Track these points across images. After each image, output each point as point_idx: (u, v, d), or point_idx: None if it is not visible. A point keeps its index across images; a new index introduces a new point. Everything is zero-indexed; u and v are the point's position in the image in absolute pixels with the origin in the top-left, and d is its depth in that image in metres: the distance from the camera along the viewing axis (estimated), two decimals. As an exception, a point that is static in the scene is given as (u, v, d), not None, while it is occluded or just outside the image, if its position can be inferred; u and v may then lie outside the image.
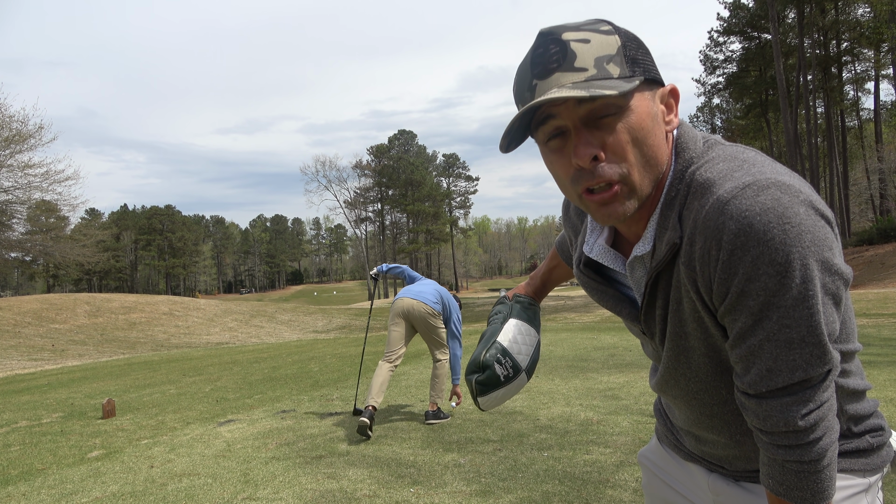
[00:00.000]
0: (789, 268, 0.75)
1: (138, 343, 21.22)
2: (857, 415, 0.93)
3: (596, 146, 0.82)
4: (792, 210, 0.75)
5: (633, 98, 0.82)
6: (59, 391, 8.23)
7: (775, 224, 0.75)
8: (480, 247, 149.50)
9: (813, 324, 0.77)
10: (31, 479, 4.03)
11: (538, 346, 1.28)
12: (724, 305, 0.81)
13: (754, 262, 0.76)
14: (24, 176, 23.85)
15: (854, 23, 36.67)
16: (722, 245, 0.78)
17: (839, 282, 0.79)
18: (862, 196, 42.76)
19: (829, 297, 0.78)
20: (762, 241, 0.75)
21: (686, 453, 1.11)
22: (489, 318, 1.31)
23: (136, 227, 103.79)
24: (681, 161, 0.88)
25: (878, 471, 0.94)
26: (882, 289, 18.96)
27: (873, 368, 5.77)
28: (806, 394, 0.80)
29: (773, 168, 0.81)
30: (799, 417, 0.80)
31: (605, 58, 0.82)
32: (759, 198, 0.76)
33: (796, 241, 0.75)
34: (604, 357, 7.64)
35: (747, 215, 0.76)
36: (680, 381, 0.97)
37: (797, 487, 0.82)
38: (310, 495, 3.33)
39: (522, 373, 1.25)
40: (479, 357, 1.23)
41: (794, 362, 0.78)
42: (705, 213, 0.80)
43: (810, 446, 0.81)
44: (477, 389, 1.22)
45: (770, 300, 0.77)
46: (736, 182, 0.79)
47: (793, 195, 0.76)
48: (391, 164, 78.27)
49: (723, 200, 0.78)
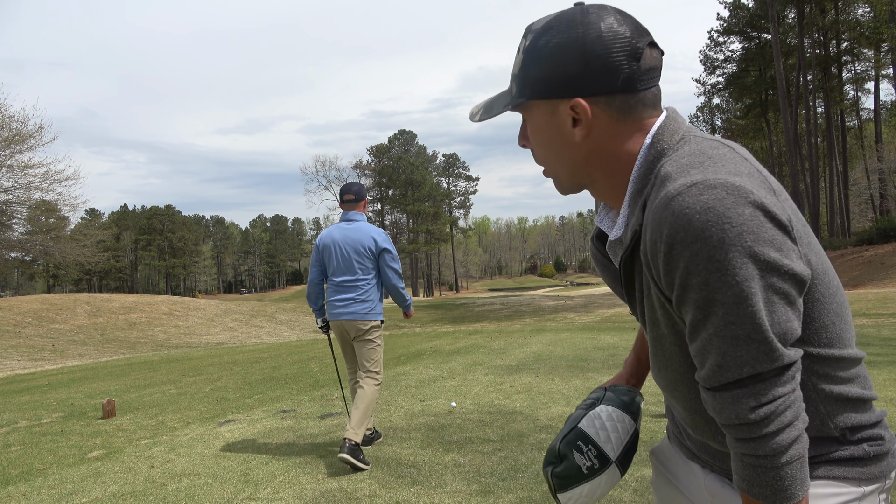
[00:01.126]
0: (728, 266, 0.78)
1: (138, 343, 21.22)
2: (852, 423, 0.92)
3: (524, 137, 1.03)
4: (734, 210, 0.78)
5: (528, 110, 0.98)
6: (59, 391, 8.23)
7: (714, 223, 0.78)
8: (480, 247, 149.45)
9: (756, 321, 0.79)
10: (31, 479, 4.03)
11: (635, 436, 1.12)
12: (674, 297, 0.85)
13: (693, 258, 0.79)
14: (24, 176, 23.87)
15: (854, 23, 36.66)
16: (663, 239, 0.82)
17: (790, 282, 0.80)
18: (862, 196, 42.75)
19: (778, 297, 0.80)
20: (700, 239, 0.78)
21: (687, 451, 1.11)
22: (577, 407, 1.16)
23: (136, 227, 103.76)
24: (651, 152, 0.92)
25: (877, 481, 0.93)
26: (882, 289, 18.95)
27: (873, 368, 5.77)
28: (756, 388, 0.81)
29: (732, 168, 0.83)
30: (749, 410, 0.82)
31: (513, 76, 0.99)
32: (702, 196, 0.79)
33: (736, 240, 0.77)
34: (604, 357, 7.65)
35: (687, 213, 0.79)
36: (662, 369, 1.00)
37: (756, 483, 0.83)
38: (310, 495, 3.33)
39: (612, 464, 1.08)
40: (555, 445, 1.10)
41: (742, 358, 0.81)
42: (654, 207, 0.85)
43: (764, 440, 0.82)
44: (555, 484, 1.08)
45: (712, 296, 0.80)
46: (686, 179, 0.82)
47: (739, 196, 0.79)
48: (391, 164, 78.27)
49: (669, 196, 0.82)
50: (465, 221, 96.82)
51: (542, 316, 21.41)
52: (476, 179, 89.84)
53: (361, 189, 4.41)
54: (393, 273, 4.23)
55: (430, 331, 16.39)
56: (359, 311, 4.14)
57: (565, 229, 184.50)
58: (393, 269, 4.23)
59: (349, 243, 4.18)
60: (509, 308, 27.39)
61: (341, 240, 4.22)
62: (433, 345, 11.00)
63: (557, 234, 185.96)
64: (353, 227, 4.24)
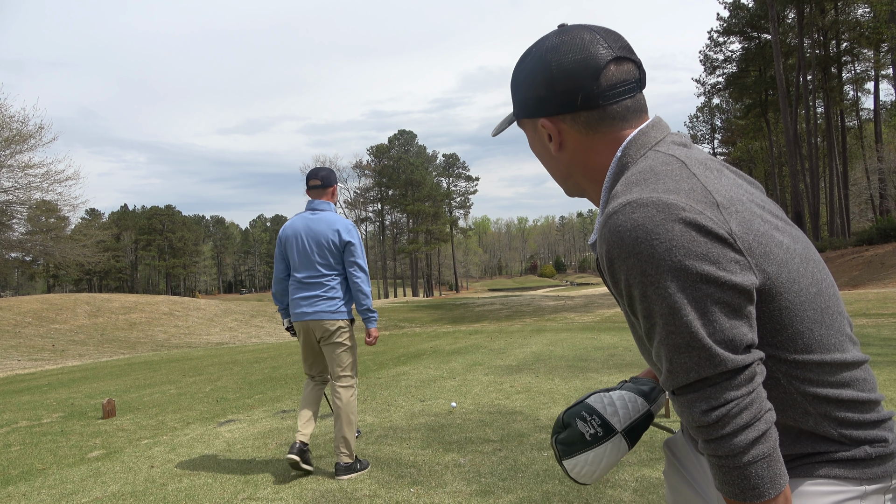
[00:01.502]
0: (659, 280, 0.83)
1: (138, 343, 21.22)
2: (852, 424, 0.93)
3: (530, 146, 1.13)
4: (663, 227, 0.83)
5: (524, 127, 1.09)
6: (59, 391, 8.23)
7: (643, 240, 0.84)
8: (480, 247, 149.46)
9: (692, 331, 0.83)
10: (31, 479, 4.03)
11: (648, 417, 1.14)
12: (626, 306, 0.92)
13: (629, 273, 0.86)
14: (25, 176, 23.89)
15: (854, 23, 36.67)
16: (604, 254, 0.89)
17: (730, 293, 0.84)
18: (862, 196, 42.75)
19: (717, 307, 0.83)
20: (632, 254, 0.85)
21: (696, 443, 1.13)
22: None
23: (136, 227, 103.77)
24: (617, 167, 0.99)
25: (880, 481, 0.94)
26: (882, 289, 18.95)
27: (873, 368, 5.77)
28: (707, 392, 0.85)
29: (672, 185, 0.88)
30: (701, 413, 0.85)
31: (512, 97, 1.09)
32: (633, 215, 0.85)
33: (665, 255, 0.83)
34: (604, 357, 7.65)
35: (619, 230, 0.86)
36: (652, 366, 1.03)
37: (724, 481, 0.86)
38: (310, 495, 3.34)
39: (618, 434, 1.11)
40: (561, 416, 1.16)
41: (686, 364, 0.85)
42: (598, 223, 0.92)
43: (721, 441, 0.84)
44: (559, 451, 1.13)
45: (650, 307, 0.86)
46: (624, 198, 0.88)
47: (669, 213, 0.84)
48: (391, 165, 78.29)
49: (608, 214, 0.89)
50: (465, 221, 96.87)
51: (542, 316, 21.41)
52: (476, 179, 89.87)
53: (331, 175, 3.96)
54: (357, 270, 3.77)
55: (430, 331, 16.39)
56: (325, 310, 3.72)
57: (565, 229, 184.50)
58: (357, 265, 3.77)
59: (312, 235, 3.76)
60: (509, 308, 27.39)
61: (304, 231, 3.79)
62: (433, 345, 11.00)
63: (557, 234, 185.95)
64: (318, 217, 3.82)
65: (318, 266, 3.75)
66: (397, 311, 33.95)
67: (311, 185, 3.91)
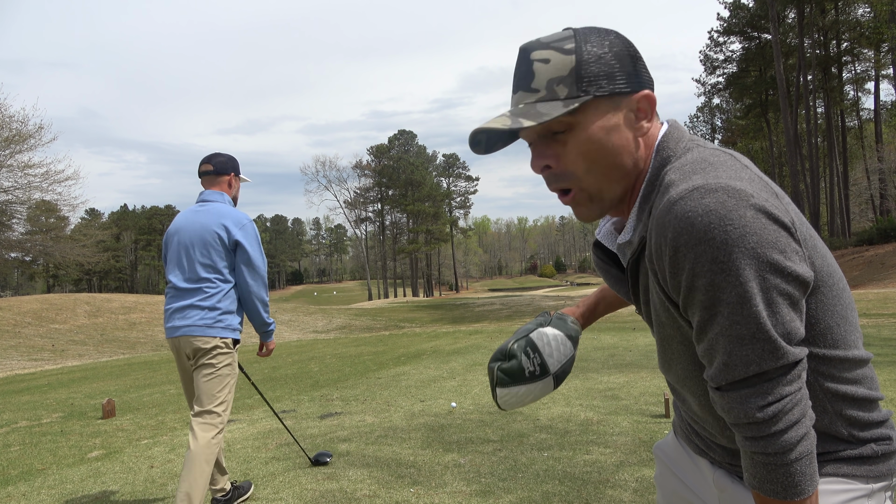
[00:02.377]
0: (731, 267, 0.80)
1: (138, 343, 21.22)
2: (860, 422, 0.94)
3: (547, 157, 0.94)
4: (736, 213, 0.80)
5: (583, 114, 0.91)
6: (59, 391, 8.23)
7: (716, 225, 0.79)
8: (480, 247, 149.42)
9: (760, 321, 0.81)
10: (31, 479, 4.03)
11: (572, 360, 1.21)
12: (680, 300, 0.87)
13: (697, 260, 0.81)
14: (24, 176, 23.89)
15: (854, 23, 36.66)
16: (668, 242, 0.84)
17: (793, 284, 0.82)
18: (862, 196, 42.74)
19: (781, 298, 0.81)
20: (703, 241, 0.80)
21: (695, 446, 1.13)
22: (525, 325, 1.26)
23: (136, 227, 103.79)
24: (658, 160, 0.94)
25: (884, 479, 0.95)
26: (882, 289, 18.95)
27: (874, 368, 5.77)
28: (763, 387, 0.83)
29: (734, 174, 0.85)
30: (756, 409, 0.83)
31: (556, 80, 0.91)
32: (704, 200, 0.81)
33: (738, 241, 0.79)
34: (604, 357, 7.64)
35: (689, 216, 0.81)
36: (671, 367, 1.02)
37: (768, 480, 0.85)
38: (310, 495, 3.33)
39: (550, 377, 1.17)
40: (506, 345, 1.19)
41: (747, 357, 0.82)
42: (658, 212, 0.87)
43: (773, 438, 0.83)
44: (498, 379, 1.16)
45: (717, 296, 0.81)
46: (688, 184, 0.84)
47: (740, 199, 0.80)
48: (391, 165, 78.26)
49: (672, 200, 0.84)
50: (465, 221, 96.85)
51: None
52: (476, 179, 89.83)
53: (229, 162, 3.23)
54: (249, 274, 3.03)
55: (430, 331, 16.39)
56: (198, 323, 2.94)
57: (565, 229, 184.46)
58: (251, 266, 3.03)
59: (194, 230, 3.02)
60: (509, 308, 27.39)
61: (185, 226, 3.05)
62: (433, 345, 11.00)
63: (557, 234, 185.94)
64: (205, 209, 3.08)
65: (198, 267, 2.99)
66: (397, 311, 33.96)
67: (202, 171, 3.18)
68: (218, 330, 2.96)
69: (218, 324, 2.96)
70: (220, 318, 2.97)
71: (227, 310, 3.01)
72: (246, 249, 3.01)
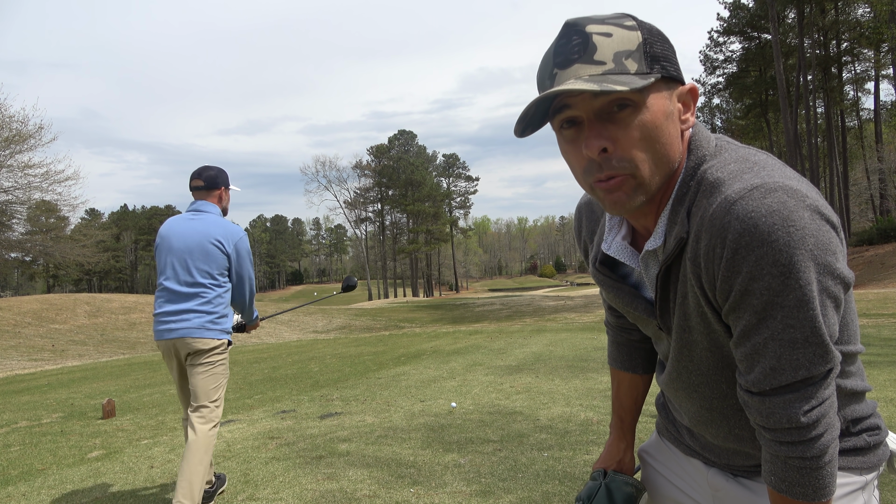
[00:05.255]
0: (792, 269, 0.77)
1: (138, 343, 21.22)
2: (856, 414, 0.95)
3: (606, 139, 0.84)
4: (797, 214, 0.77)
5: (648, 95, 0.84)
6: (59, 391, 8.23)
7: (780, 226, 0.77)
8: (480, 247, 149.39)
9: (816, 325, 0.79)
10: (31, 479, 4.03)
11: None
12: (728, 303, 0.83)
13: (758, 262, 0.78)
14: (24, 176, 23.88)
15: (854, 23, 36.66)
16: (727, 244, 0.80)
17: (840, 286, 0.81)
18: (862, 196, 42.74)
19: (830, 300, 0.80)
20: (766, 242, 0.77)
21: (686, 448, 1.12)
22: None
23: (136, 228, 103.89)
24: (693, 159, 0.90)
25: (875, 469, 0.96)
26: (882, 289, 18.95)
27: (873, 368, 5.77)
28: (808, 391, 0.82)
29: (782, 172, 0.83)
30: (801, 414, 0.82)
31: (625, 53, 0.84)
32: (766, 200, 0.78)
33: (800, 243, 0.77)
34: (604, 357, 7.64)
35: (753, 216, 0.78)
36: (682, 373, 1.00)
37: (799, 484, 0.84)
38: (310, 495, 3.33)
39: None
40: None
41: (798, 361, 0.80)
42: (712, 212, 0.82)
43: (812, 442, 0.82)
44: None
45: (773, 300, 0.79)
46: (744, 183, 0.81)
47: (799, 199, 0.78)
48: (391, 165, 78.25)
49: (730, 200, 0.81)
50: (465, 221, 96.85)
51: (542, 316, 21.40)
52: (476, 179, 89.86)
53: (219, 176, 3.35)
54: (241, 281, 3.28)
55: (430, 331, 16.39)
56: (196, 326, 3.12)
57: (565, 229, 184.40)
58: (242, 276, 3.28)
59: (190, 238, 3.18)
60: (509, 308, 27.39)
61: (181, 234, 3.20)
62: (433, 345, 11.00)
63: (557, 234, 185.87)
64: (199, 218, 3.23)
65: (195, 273, 3.14)
66: (397, 311, 33.96)
67: (192, 186, 3.32)
68: (216, 332, 3.16)
69: (215, 326, 3.16)
70: (217, 322, 3.18)
71: (223, 313, 3.22)
72: (239, 260, 3.26)
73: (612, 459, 1.26)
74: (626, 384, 1.28)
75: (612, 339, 1.29)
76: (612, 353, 1.29)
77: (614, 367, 1.29)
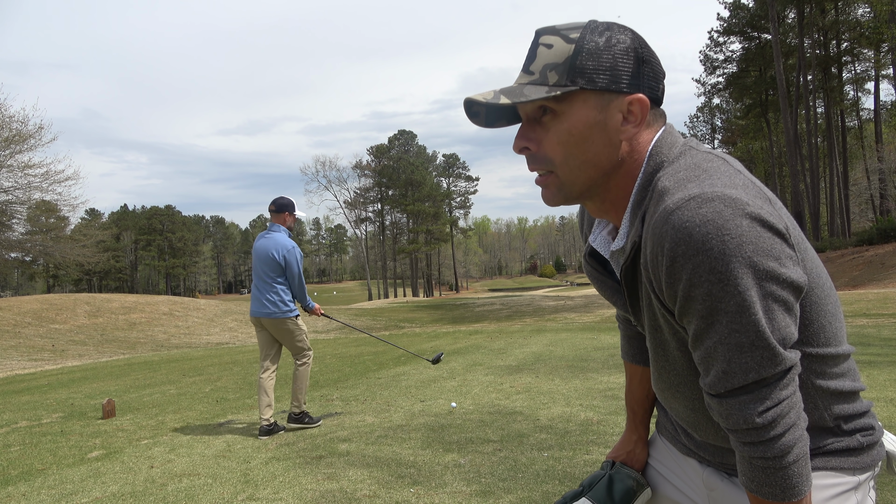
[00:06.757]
0: (730, 276, 0.79)
1: (138, 343, 21.21)
2: (846, 415, 0.95)
3: (529, 140, 0.95)
4: (733, 222, 0.79)
5: (571, 104, 0.91)
6: (59, 391, 8.23)
7: (714, 235, 0.79)
8: (480, 247, 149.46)
9: (760, 329, 0.81)
10: (31, 479, 4.03)
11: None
12: (677, 308, 0.86)
13: (695, 270, 0.81)
14: (24, 176, 23.87)
15: (854, 23, 36.67)
16: (665, 252, 0.83)
17: (788, 290, 0.83)
18: (862, 196, 42.74)
19: (777, 305, 0.82)
20: (701, 251, 0.80)
21: (682, 446, 1.13)
22: None
23: (136, 228, 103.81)
24: (650, 165, 0.94)
25: (869, 469, 0.96)
26: (882, 289, 18.94)
27: (873, 368, 5.77)
28: (762, 392, 0.84)
29: (728, 181, 0.85)
30: (756, 415, 0.84)
31: (551, 65, 0.91)
32: (701, 210, 0.81)
33: (736, 251, 0.79)
34: (604, 357, 7.64)
35: (687, 226, 0.81)
36: (663, 373, 1.02)
37: (766, 483, 0.86)
38: (310, 495, 3.33)
39: None
40: None
41: (747, 364, 0.83)
42: (654, 221, 0.86)
43: (772, 442, 0.84)
44: None
45: (716, 305, 0.81)
46: (684, 193, 0.84)
47: (737, 208, 0.80)
48: (391, 165, 78.26)
49: (668, 210, 0.84)
50: (465, 221, 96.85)
51: (542, 316, 21.40)
52: (476, 180, 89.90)
53: (287, 205, 5.00)
54: (293, 279, 4.88)
55: (430, 331, 16.38)
56: (271, 309, 4.82)
57: (565, 229, 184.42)
58: (293, 276, 4.87)
59: (263, 251, 4.85)
60: (509, 308, 27.38)
61: (259, 247, 4.91)
62: (433, 345, 11.00)
63: (557, 234, 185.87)
64: (269, 237, 4.90)
65: (265, 276, 4.87)
66: (397, 311, 33.94)
67: (269, 209, 5.08)
68: (285, 313, 4.84)
69: (280, 308, 4.83)
70: (280, 305, 4.83)
71: (284, 300, 4.86)
72: (287, 266, 4.87)
73: (622, 451, 1.28)
74: (638, 377, 1.31)
75: (622, 332, 1.33)
76: (623, 346, 1.33)
77: (626, 360, 1.32)
